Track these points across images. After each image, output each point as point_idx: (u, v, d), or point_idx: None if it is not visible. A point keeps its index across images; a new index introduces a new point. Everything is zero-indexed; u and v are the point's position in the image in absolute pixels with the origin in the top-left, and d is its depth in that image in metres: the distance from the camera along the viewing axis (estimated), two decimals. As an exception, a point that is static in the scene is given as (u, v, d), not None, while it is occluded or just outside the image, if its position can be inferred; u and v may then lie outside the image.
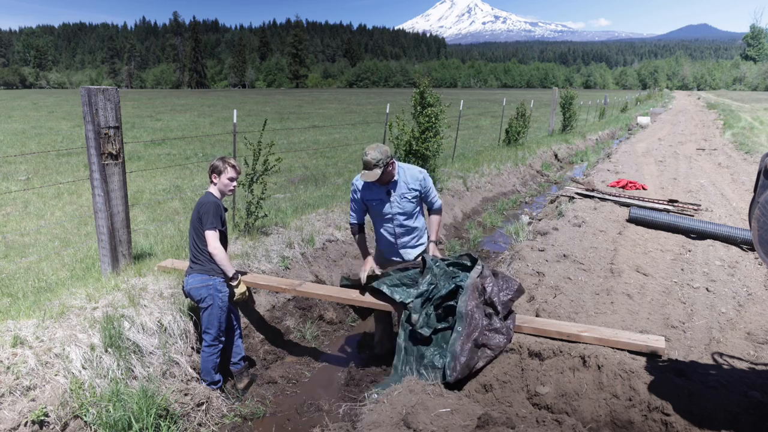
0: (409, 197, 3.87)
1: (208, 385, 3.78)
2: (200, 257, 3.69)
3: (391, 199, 3.86)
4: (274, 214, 6.56)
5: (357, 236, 4.11)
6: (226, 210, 3.88)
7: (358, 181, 3.92)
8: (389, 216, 3.92)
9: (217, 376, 3.82)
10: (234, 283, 3.76)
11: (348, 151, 13.79)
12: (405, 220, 3.94)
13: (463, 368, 3.29)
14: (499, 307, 3.49)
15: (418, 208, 4.00)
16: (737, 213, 7.54)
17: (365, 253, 4.10)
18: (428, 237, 4.11)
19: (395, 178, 3.85)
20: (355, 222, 4.06)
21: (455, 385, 3.33)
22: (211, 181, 3.75)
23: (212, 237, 3.60)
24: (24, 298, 4.16)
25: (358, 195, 3.95)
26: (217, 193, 3.74)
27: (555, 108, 19.41)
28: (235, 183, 3.79)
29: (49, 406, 2.94)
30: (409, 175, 3.87)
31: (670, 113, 34.05)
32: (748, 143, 15.50)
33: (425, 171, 3.97)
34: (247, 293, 3.87)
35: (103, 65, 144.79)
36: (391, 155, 3.71)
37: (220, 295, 3.68)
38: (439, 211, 4.08)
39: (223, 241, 3.79)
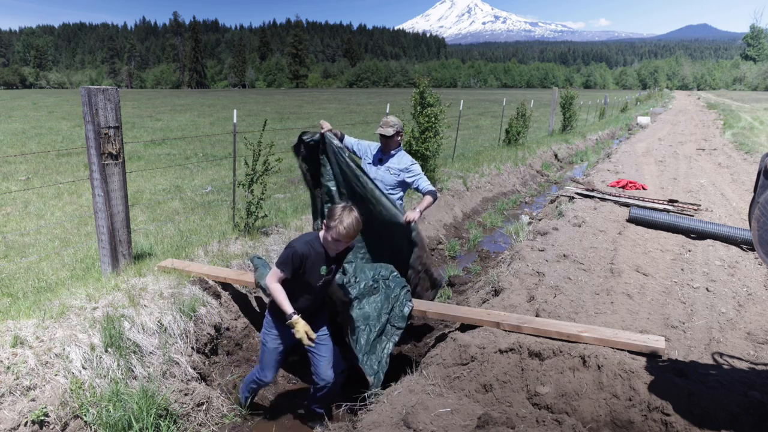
0: (391, 172, 4.47)
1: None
2: None
3: (380, 165, 4.49)
4: (274, 214, 6.57)
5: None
6: (333, 266, 3.24)
7: (373, 144, 4.63)
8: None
9: (247, 398, 3.69)
10: (288, 323, 3.12)
11: (348, 151, 13.76)
12: None
13: None
14: None
15: (395, 189, 4.49)
16: (737, 213, 7.54)
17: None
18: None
19: (393, 152, 4.47)
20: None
21: None
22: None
23: (272, 273, 3.16)
24: (24, 298, 4.16)
25: (362, 145, 4.60)
26: (320, 241, 3.13)
27: (555, 108, 19.40)
28: (339, 246, 3.09)
29: (49, 406, 2.93)
30: (402, 159, 4.51)
31: (670, 113, 34.05)
32: (748, 143, 15.51)
33: (417, 164, 4.55)
34: (307, 339, 3.10)
35: (103, 65, 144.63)
36: (403, 132, 4.51)
37: (265, 330, 3.40)
38: (431, 194, 4.44)
39: (306, 290, 3.21)
